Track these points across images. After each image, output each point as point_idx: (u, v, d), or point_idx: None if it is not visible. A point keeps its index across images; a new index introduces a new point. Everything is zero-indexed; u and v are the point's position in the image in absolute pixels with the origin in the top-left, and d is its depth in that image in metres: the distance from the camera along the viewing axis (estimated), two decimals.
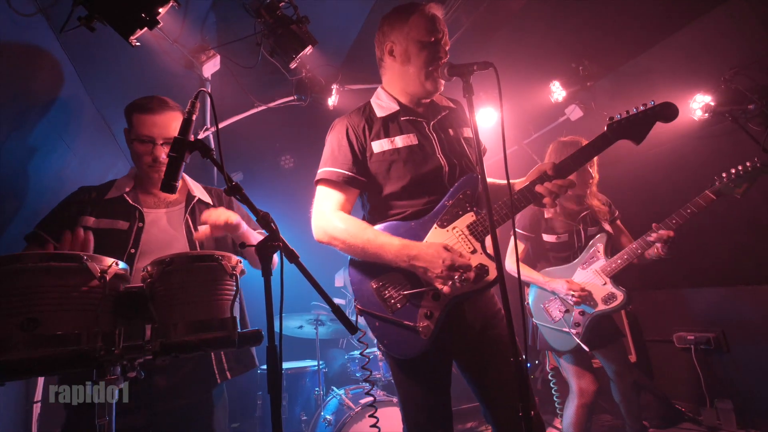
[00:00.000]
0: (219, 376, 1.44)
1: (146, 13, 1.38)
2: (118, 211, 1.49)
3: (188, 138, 1.08)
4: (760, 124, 2.80)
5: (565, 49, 3.32)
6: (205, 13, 2.35)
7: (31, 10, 1.50)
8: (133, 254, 1.41)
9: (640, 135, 1.45)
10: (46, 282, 0.85)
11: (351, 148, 1.49)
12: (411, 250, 1.32)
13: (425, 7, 1.51)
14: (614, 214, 2.61)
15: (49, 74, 1.87)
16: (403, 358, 1.37)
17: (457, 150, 1.54)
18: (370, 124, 1.53)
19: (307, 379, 3.30)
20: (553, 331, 2.39)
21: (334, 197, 1.48)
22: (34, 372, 0.88)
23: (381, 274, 1.40)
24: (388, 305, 1.37)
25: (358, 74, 3.40)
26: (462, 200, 1.42)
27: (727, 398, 3.25)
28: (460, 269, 1.27)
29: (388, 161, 1.47)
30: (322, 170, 1.51)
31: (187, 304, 0.96)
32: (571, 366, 2.40)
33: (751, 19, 2.65)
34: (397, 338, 1.35)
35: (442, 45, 1.49)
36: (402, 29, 1.51)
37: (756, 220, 3.21)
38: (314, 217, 1.48)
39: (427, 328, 1.32)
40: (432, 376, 1.41)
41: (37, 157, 1.99)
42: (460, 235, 1.39)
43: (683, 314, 3.76)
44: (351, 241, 1.38)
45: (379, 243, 1.36)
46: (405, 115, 1.54)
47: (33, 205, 1.99)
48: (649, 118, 1.44)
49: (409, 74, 1.52)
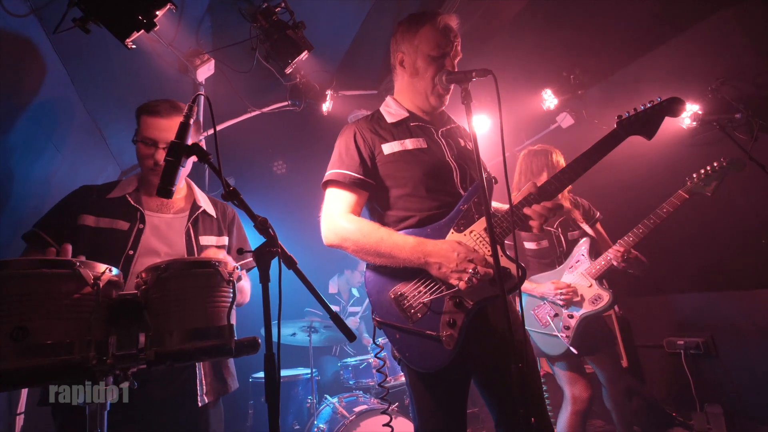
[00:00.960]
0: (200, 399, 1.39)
1: (144, 15, 1.36)
2: (119, 211, 1.46)
3: (186, 142, 1.06)
4: (746, 132, 2.88)
5: (557, 58, 3.38)
6: (200, 16, 2.34)
7: (24, 10, 1.47)
8: (132, 256, 1.39)
9: (650, 130, 1.49)
10: (36, 289, 0.82)
11: (359, 151, 1.48)
12: (426, 246, 1.30)
13: (438, 18, 1.48)
14: (594, 216, 2.63)
15: (39, 76, 1.84)
16: (426, 371, 1.30)
17: (466, 157, 1.54)
18: (379, 128, 1.54)
19: (299, 388, 3.25)
20: (543, 337, 2.39)
21: (342, 199, 1.45)
22: (24, 383, 0.85)
23: (399, 283, 1.36)
24: (408, 315, 1.32)
25: (353, 80, 3.40)
26: (477, 204, 1.39)
27: (717, 402, 3.28)
28: (474, 262, 1.25)
29: (398, 162, 1.46)
30: (329, 172, 1.49)
31: (182, 312, 0.94)
32: (564, 372, 2.40)
33: (737, 32, 2.73)
34: (420, 350, 1.29)
35: (449, 59, 1.48)
36: (412, 41, 1.51)
37: (742, 226, 3.28)
38: (323, 220, 1.44)
39: (451, 337, 1.27)
40: (451, 395, 1.35)
41: (24, 161, 1.94)
42: (478, 238, 1.36)
43: (673, 319, 3.80)
44: (363, 241, 1.34)
45: (393, 241, 1.33)
46: (414, 122, 1.56)
47: (20, 211, 1.94)
48: (657, 113, 1.49)
49: (416, 87, 1.54)
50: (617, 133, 1.46)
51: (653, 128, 1.49)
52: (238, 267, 1.05)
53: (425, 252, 1.29)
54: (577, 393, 2.35)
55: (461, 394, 1.37)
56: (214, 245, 1.59)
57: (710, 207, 3.35)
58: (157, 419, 1.31)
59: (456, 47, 1.50)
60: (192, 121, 1.08)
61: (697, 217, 3.47)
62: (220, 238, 1.63)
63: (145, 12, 1.35)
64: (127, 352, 0.90)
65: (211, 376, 1.45)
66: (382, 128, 1.54)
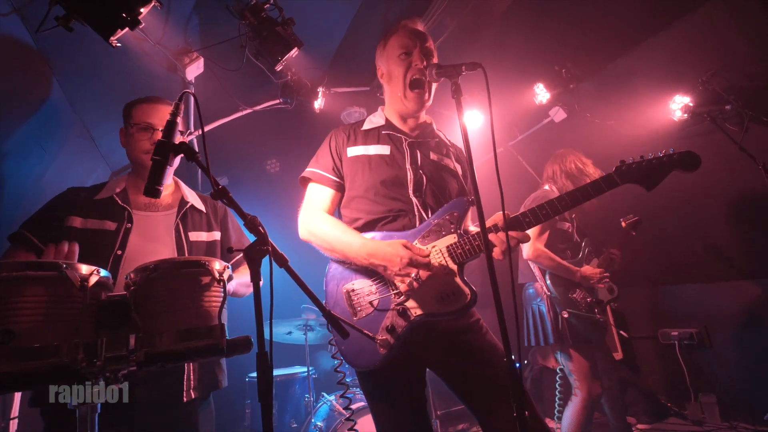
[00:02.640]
0: (185, 394, 1.39)
1: (127, 12, 1.34)
2: (106, 211, 1.46)
3: (172, 141, 1.05)
4: (737, 124, 2.89)
5: (549, 52, 3.38)
6: (188, 14, 2.31)
7: (5, 9, 1.45)
8: (120, 256, 1.38)
9: (652, 182, 1.35)
10: (22, 291, 0.81)
11: (330, 153, 1.58)
12: (369, 247, 1.34)
13: (400, 24, 1.58)
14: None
15: (24, 76, 1.81)
16: (357, 369, 1.38)
17: (430, 170, 1.54)
18: (352, 134, 1.62)
19: (296, 386, 3.24)
20: (586, 320, 2.42)
21: (316, 197, 1.55)
22: (11, 387, 0.84)
23: (356, 279, 1.40)
24: (354, 311, 1.36)
25: (345, 77, 3.38)
26: (448, 221, 1.40)
27: (711, 392, 3.33)
28: (416, 266, 1.27)
29: (356, 164, 1.53)
30: (306, 170, 1.61)
31: (172, 312, 0.93)
32: (583, 366, 2.37)
33: (728, 23, 2.74)
34: (355, 347, 1.33)
35: (416, 53, 1.51)
36: (383, 53, 1.62)
37: (733, 218, 3.30)
38: (299, 216, 1.54)
39: (386, 342, 1.29)
40: (401, 388, 1.37)
41: (11, 162, 1.92)
42: (438, 254, 1.36)
43: (666, 311, 3.84)
44: (324, 237, 1.43)
45: (345, 240, 1.39)
46: (387, 130, 1.61)
47: (9, 212, 1.92)
48: (665, 166, 1.35)
49: (392, 93, 1.60)
50: (612, 180, 1.35)
51: (656, 181, 1.35)
52: (228, 266, 1.04)
53: (369, 252, 1.33)
54: (592, 389, 2.34)
55: (412, 387, 1.40)
56: (204, 240, 1.59)
57: (702, 198, 3.38)
58: (145, 419, 1.30)
59: (424, 45, 1.53)
60: (179, 119, 1.07)
61: (688, 209, 3.51)
62: (210, 233, 1.63)
63: (128, 9, 1.33)
64: (117, 354, 0.89)
65: (199, 372, 1.44)
66: (354, 134, 1.62)
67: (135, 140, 1.53)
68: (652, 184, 1.35)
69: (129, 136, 1.55)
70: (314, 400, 3.03)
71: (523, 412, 0.99)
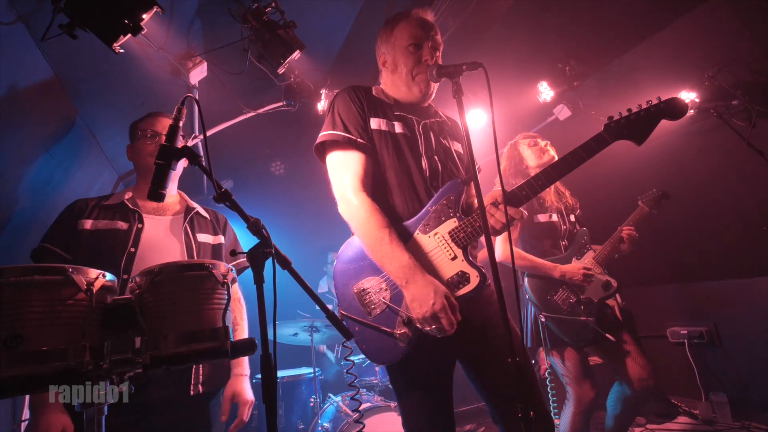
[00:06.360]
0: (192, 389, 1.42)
1: (129, 19, 1.36)
2: (117, 213, 1.51)
3: (175, 145, 1.06)
4: (744, 119, 2.85)
5: (552, 50, 3.35)
6: (190, 19, 2.33)
7: (10, 17, 1.47)
8: (133, 253, 1.42)
9: (642, 135, 1.36)
10: (29, 296, 0.82)
11: (357, 112, 1.45)
12: (410, 275, 1.25)
13: (412, 12, 1.52)
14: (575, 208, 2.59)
15: (30, 83, 1.83)
16: (381, 364, 1.36)
17: (442, 155, 1.51)
18: (369, 100, 1.51)
19: (303, 387, 3.26)
20: (567, 322, 2.24)
21: (355, 166, 1.39)
22: (19, 390, 0.85)
23: (363, 278, 1.37)
24: (368, 310, 1.35)
25: (347, 78, 3.38)
26: (445, 206, 1.37)
27: (722, 391, 3.28)
28: (443, 318, 1.20)
29: (381, 141, 1.44)
30: (329, 132, 1.42)
31: (177, 315, 0.94)
32: (572, 370, 2.26)
33: (733, 18, 2.71)
34: (376, 344, 1.32)
35: (427, 47, 1.47)
36: (389, 40, 1.53)
37: (742, 214, 3.26)
38: (336, 193, 1.41)
39: (405, 335, 1.29)
40: (428, 379, 1.37)
41: (17, 167, 1.94)
42: (441, 241, 1.35)
43: (675, 309, 3.80)
44: (364, 230, 1.32)
45: (389, 249, 1.28)
46: (397, 110, 1.53)
47: (16, 217, 1.94)
48: (653, 116, 1.35)
49: (396, 82, 1.54)
50: (602, 138, 1.36)
51: (645, 133, 1.36)
52: (231, 269, 1.05)
53: (407, 280, 1.24)
54: (582, 394, 2.23)
55: (440, 377, 1.39)
56: (210, 243, 1.66)
57: (711, 195, 3.34)
58: (155, 414, 1.32)
59: (434, 38, 1.50)
60: (181, 123, 1.08)
61: (697, 206, 3.46)
62: (216, 236, 1.71)
63: (130, 16, 1.34)
64: (123, 357, 0.90)
65: (209, 367, 1.48)
66: (371, 100, 1.50)
67: (140, 146, 1.59)
68: (643, 137, 1.36)
69: (135, 148, 1.61)
70: (321, 401, 3.03)
71: (528, 412, 0.99)
